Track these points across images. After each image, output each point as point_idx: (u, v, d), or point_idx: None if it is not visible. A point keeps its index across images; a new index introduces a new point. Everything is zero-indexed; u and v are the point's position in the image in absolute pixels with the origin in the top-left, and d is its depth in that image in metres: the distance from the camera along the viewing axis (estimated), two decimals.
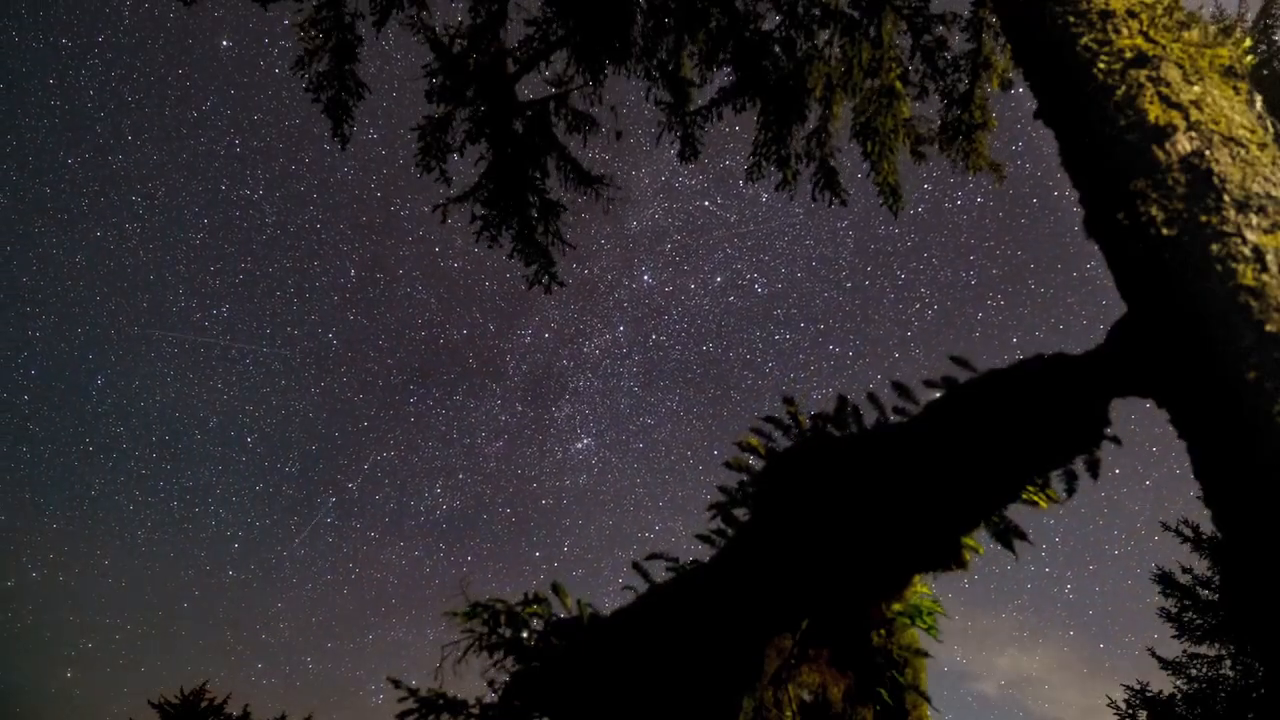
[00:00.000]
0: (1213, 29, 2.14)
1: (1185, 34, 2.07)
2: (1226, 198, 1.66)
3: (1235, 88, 1.98)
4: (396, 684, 3.56)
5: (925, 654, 4.49)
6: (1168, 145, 1.81)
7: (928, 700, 4.36)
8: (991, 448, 2.71)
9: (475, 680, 3.54)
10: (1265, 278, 1.51)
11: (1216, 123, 1.83)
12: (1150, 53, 2.00)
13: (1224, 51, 2.03)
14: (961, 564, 3.37)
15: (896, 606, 4.38)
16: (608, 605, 4.19)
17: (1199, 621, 12.32)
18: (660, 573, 4.08)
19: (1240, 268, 1.54)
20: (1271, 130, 1.94)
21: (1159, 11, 2.13)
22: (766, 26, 6.21)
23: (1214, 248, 1.60)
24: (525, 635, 3.59)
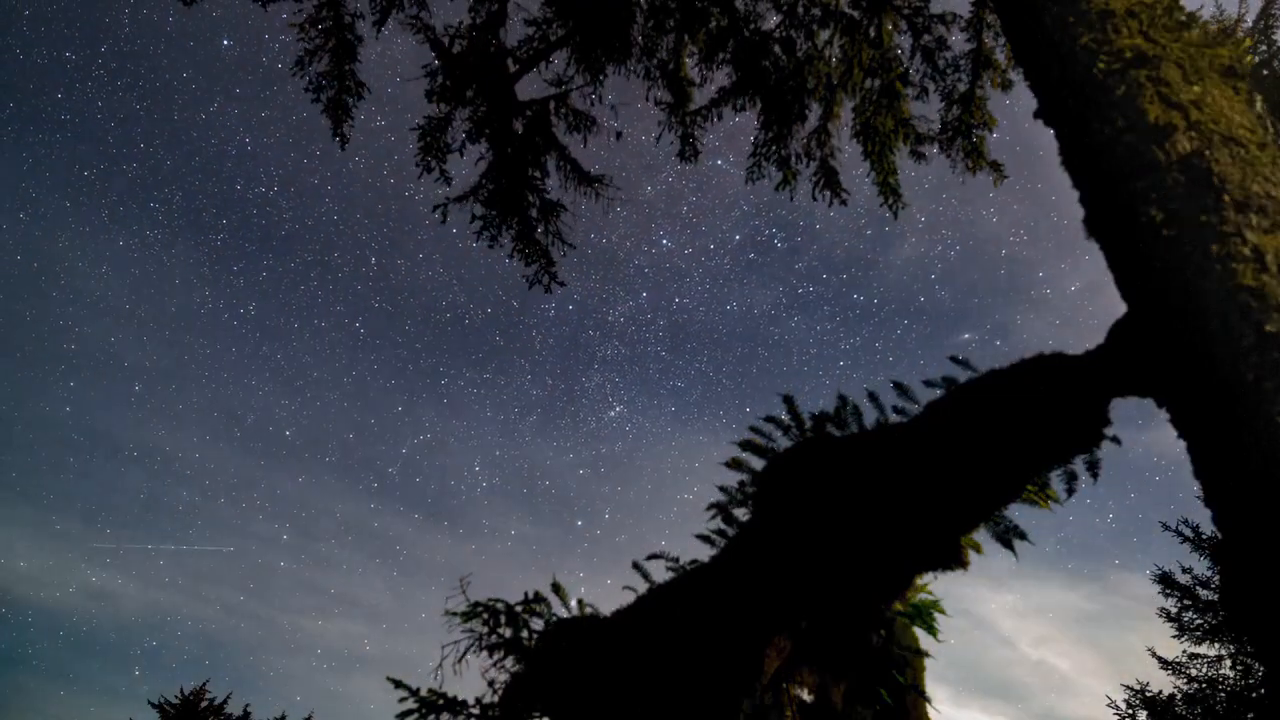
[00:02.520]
0: (1213, 29, 2.14)
1: (1185, 34, 2.07)
2: (1226, 198, 1.66)
3: (1235, 88, 1.98)
4: (397, 684, 3.55)
5: (925, 654, 4.49)
6: (1168, 145, 1.81)
7: (928, 700, 4.35)
8: (992, 448, 2.71)
9: (475, 680, 3.53)
10: (1265, 278, 1.51)
11: (1216, 123, 1.83)
12: (1150, 53, 2.00)
13: (1224, 51, 2.03)
14: (962, 564, 3.37)
15: (897, 606, 4.38)
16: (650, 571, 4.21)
17: (1199, 621, 12.31)
18: (660, 573, 4.09)
19: (1240, 268, 1.54)
20: (1271, 130, 1.94)
21: (1159, 11, 2.13)
22: (766, 26, 6.22)
23: (1214, 248, 1.60)
24: (525, 635, 3.59)
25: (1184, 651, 12.41)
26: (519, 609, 3.69)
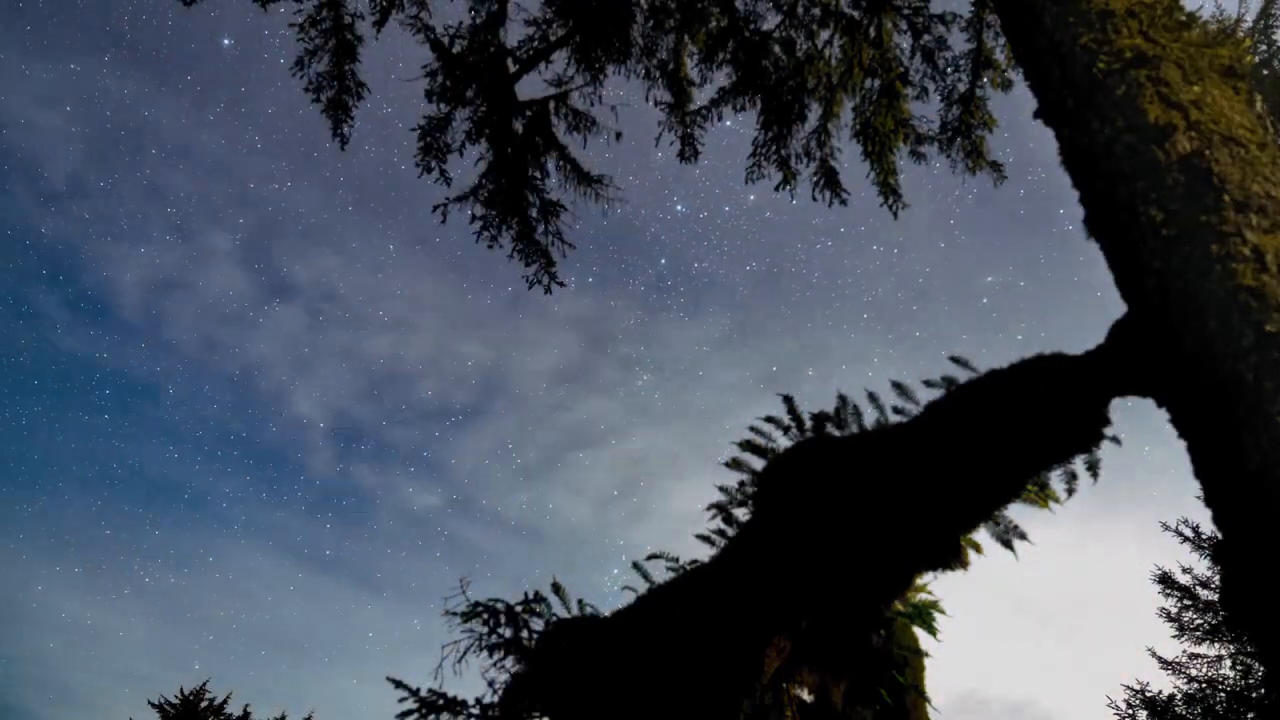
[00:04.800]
0: (1213, 29, 2.14)
1: (1185, 34, 2.07)
2: (1226, 198, 1.66)
3: (1235, 88, 1.98)
4: (397, 684, 3.55)
5: (925, 654, 4.49)
6: (1168, 145, 1.81)
7: (928, 700, 4.35)
8: (991, 447, 2.71)
9: (475, 680, 3.53)
10: (1265, 278, 1.51)
11: (1216, 123, 1.83)
12: (1150, 53, 2.00)
13: (1224, 51, 2.03)
14: (963, 563, 3.37)
15: (897, 606, 4.38)
16: (693, 540, 4.22)
17: (1199, 621, 12.30)
18: (660, 573, 4.09)
19: (1240, 268, 1.54)
20: (1271, 130, 1.94)
21: (1159, 11, 2.12)
22: (766, 26, 6.21)
23: (1214, 248, 1.60)
24: (525, 635, 3.59)
25: (1184, 651, 12.41)
26: (519, 609, 3.69)
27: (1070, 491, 3.40)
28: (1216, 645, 12.11)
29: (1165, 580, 12.77)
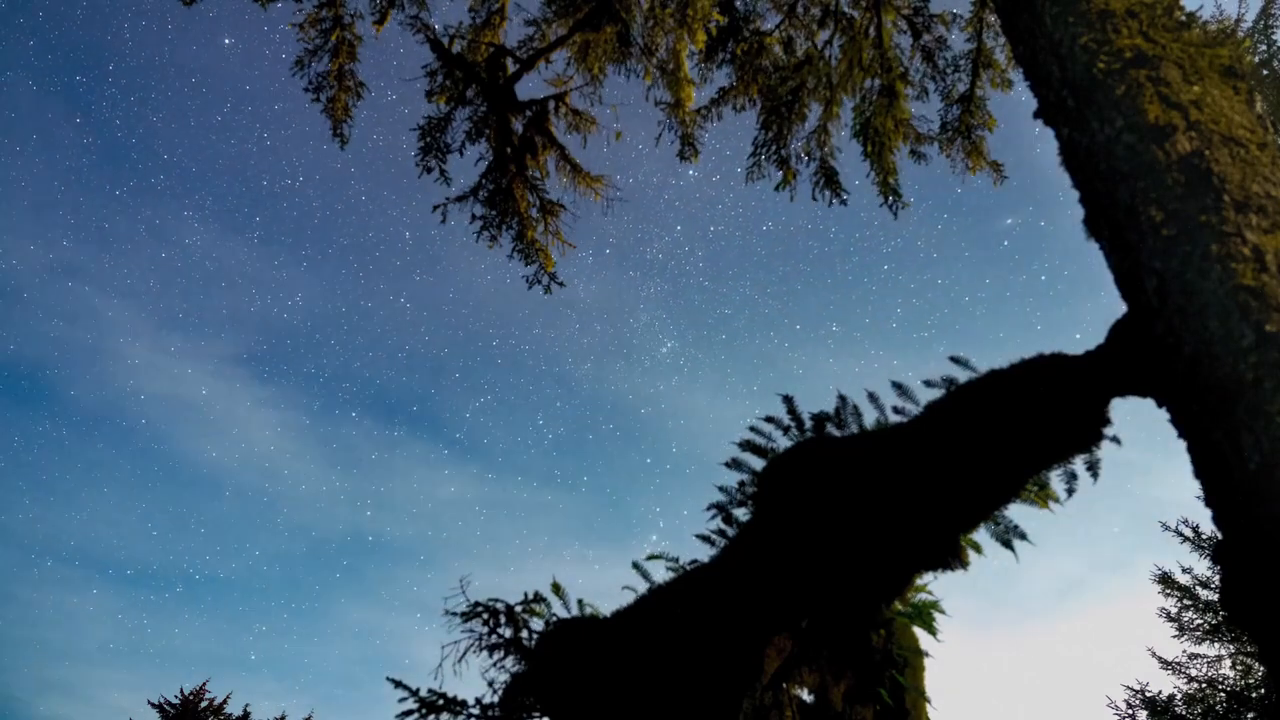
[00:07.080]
0: (1213, 29, 2.14)
1: (1185, 34, 2.07)
2: (1226, 198, 1.66)
3: (1235, 88, 1.98)
4: (397, 684, 3.55)
5: (925, 654, 4.49)
6: (1167, 145, 1.81)
7: (928, 700, 4.35)
8: (991, 448, 2.71)
9: (475, 680, 3.53)
10: (1265, 278, 1.50)
11: (1216, 123, 1.82)
12: (1150, 52, 1.99)
13: (1224, 51, 2.02)
14: (963, 563, 3.37)
15: (896, 606, 4.38)
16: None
17: (1199, 621, 12.31)
18: (660, 573, 4.09)
19: (1240, 268, 1.54)
20: (1271, 130, 1.94)
21: (1159, 11, 2.12)
22: (766, 26, 6.22)
23: (1214, 248, 1.60)
24: (525, 635, 3.59)
25: (1184, 651, 12.41)
26: (519, 609, 3.69)
27: (1070, 491, 3.40)
28: (1216, 645, 12.12)
29: (1165, 580, 12.77)
